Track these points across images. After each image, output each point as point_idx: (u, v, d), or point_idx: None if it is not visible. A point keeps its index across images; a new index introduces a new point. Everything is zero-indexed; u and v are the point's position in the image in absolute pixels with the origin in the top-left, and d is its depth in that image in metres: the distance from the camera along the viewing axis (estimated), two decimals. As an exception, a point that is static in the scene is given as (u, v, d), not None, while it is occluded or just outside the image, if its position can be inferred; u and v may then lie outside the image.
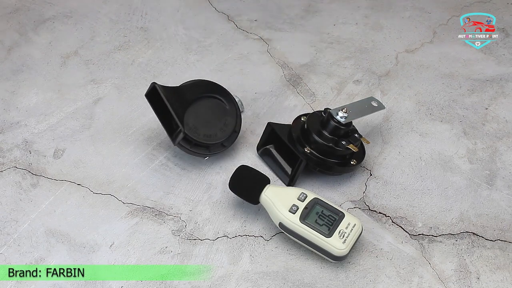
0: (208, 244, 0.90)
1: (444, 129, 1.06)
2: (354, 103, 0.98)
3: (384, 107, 0.99)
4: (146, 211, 0.94)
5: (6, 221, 0.92)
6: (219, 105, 0.98)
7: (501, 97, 1.11)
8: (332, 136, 0.93)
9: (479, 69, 1.16)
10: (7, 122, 1.06)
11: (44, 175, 0.98)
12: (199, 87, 0.97)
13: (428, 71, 1.16)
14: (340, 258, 0.84)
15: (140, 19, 1.25)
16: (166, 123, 0.95)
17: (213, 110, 0.97)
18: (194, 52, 1.19)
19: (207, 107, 0.96)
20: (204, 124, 0.95)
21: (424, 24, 1.26)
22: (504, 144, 1.03)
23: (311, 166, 0.94)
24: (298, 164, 0.93)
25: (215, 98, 0.97)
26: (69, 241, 0.90)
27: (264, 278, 0.86)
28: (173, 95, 0.93)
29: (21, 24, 1.24)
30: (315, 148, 0.94)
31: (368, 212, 0.94)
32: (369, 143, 0.97)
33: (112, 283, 0.85)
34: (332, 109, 0.94)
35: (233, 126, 0.97)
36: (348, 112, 0.93)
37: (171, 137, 0.94)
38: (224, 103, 0.98)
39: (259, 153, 1.01)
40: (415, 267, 0.87)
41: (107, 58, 1.18)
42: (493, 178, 0.99)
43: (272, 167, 0.99)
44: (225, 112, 0.97)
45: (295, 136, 0.96)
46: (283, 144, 0.97)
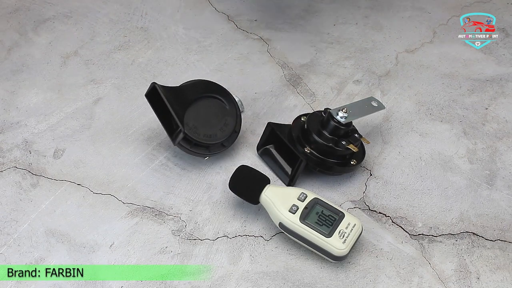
0: (208, 244, 0.90)
1: (444, 129, 1.06)
2: (354, 103, 0.98)
3: (384, 107, 0.99)
4: (146, 211, 0.94)
5: (6, 221, 0.92)
6: (219, 105, 0.98)
7: (501, 97, 1.11)
8: (332, 136, 0.93)
9: (479, 69, 1.16)
10: (7, 122, 1.06)
11: (44, 175, 0.98)
12: (199, 87, 0.97)
13: (428, 71, 1.16)
14: (340, 258, 0.84)
15: (140, 19, 1.25)
16: (166, 123, 0.95)
17: (213, 110, 0.97)
18: (194, 52, 1.19)
19: (207, 107, 0.96)
20: (204, 124, 0.95)
21: (424, 24, 1.26)
22: (504, 144, 1.03)
23: (311, 166, 0.94)
24: (298, 164, 0.93)
25: (215, 98, 0.97)
26: (69, 241, 0.90)
27: (264, 278, 0.86)
28: (173, 95, 0.93)
29: (21, 24, 1.24)
30: (315, 148, 0.94)
31: (368, 212, 0.94)
32: (369, 143, 0.97)
33: (112, 283, 0.85)
34: (332, 109, 0.94)
35: (233, 126, 0.97)
36: (348, 112, 0.93)
37: (171, 137, 0.94)
38: (224, 103, 0.98)
39: (259, 153, 1.01)
40: (415, 267, 0.87)
41: (107, 58, 1.18)
42: (493, 178, 0.99)
43: (272, 167, 0.99)
44: (225, 112, 0.97)
45: (295, 136, 0.96)
46: (283, 144, 0.97)
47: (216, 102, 0.97)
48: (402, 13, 1.28)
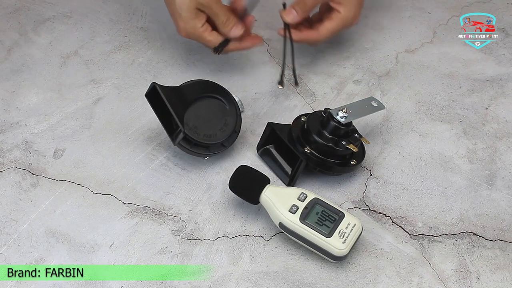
0: (208, 244, 0.90)
1: (444, 129, 1.06)
2: (354, 103, 0.98)
3: (384, 107, 0.99)
4: (146, 211, 0.94)
5: (6, 221, 0.92)
6: (219, 105, 0.98)
7: (501, 97, 1.11)
8: (332, 136, 0.93)
9: (479, 69, 1.16)
10: (7, 122, 1.06)
11: (44, 175, 0.98)
12: (199, 87, 0.97)
13: (428, 71, 1.16)
14: (340, 258, 0.84)
15: (140, 19, 1.25)
16: (166, 123, 0.95)
17: (213, 110, 0.97)
18: (194, 52, 1.19)
19: (207, 107, 0.96)
20: (204, 124, 0.95)
21: (424, 24, 1.26)
22: (504, 144, 1.03)
23: (311, 166, 0.94)
24: (298, 164, 0.93)
25: (215, 98, 0.97)
26: (69, 241, 0.90)
27: (264, 278, 0.86)
28: (173, 95, 0.93)
29: (21, 24, 1.24)
30: (315, 148, 0.94)
31: (368, 212, 0.94)
32: (369, 143, 0.97)
33: (112, 283, 0.85)
34: (332, 109, 0.94)
35: (233, 126, 0.97)
36: (348, 112, 0.93)
37: (171, 137, 0.94)
38: (224, 103, 0.98)
39: (259, 153, 1.01)
40: (415, 267, 0.87)
41: (107, 58, 1.17)
42: (493, 178, 0.99)
43: (272, 167, 0.99)
44: (225, 112, 0.97)
45: (295, 136, 0.96)
46: (283, 144, 0.97)
47: (216, 102, 0.97)
48: (402, 13, 1.28)
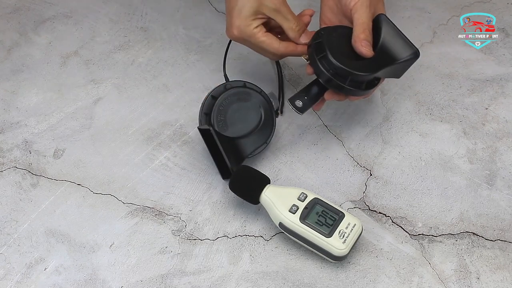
0: (208, 244, 0.90)
1: (444, 129, 1.06)
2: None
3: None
4: (146, 211, 0.94)
5: (6, 221, 0.92)
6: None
7: (501, 97, 1.11)
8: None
9: (479, 69, 1.16)
10: (7, 122, 1.06)
11: (44, 175, 0.98)
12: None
13: (428, 71, 1.16)
14: (340, 258, 0.84)
15: (140, 19, 1.25)
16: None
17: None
18: (194, 52, 1.19)
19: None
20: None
21: (424, 24, 1.26)
22: (504, 144, 1.03)
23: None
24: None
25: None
26: (69, 241, 0.90)
27: (264, 278, 0.86)
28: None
29: (21, 24, 1.24)
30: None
31: (368, 212, 0.94)
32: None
33: (112, 283, 0.85)
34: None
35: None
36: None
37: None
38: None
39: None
40: (415, 267, 0.87)
41: (107, 58, 1.17)
42: (493, 178, 0.99)
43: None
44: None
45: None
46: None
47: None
48: (402, 13, 1.28)
